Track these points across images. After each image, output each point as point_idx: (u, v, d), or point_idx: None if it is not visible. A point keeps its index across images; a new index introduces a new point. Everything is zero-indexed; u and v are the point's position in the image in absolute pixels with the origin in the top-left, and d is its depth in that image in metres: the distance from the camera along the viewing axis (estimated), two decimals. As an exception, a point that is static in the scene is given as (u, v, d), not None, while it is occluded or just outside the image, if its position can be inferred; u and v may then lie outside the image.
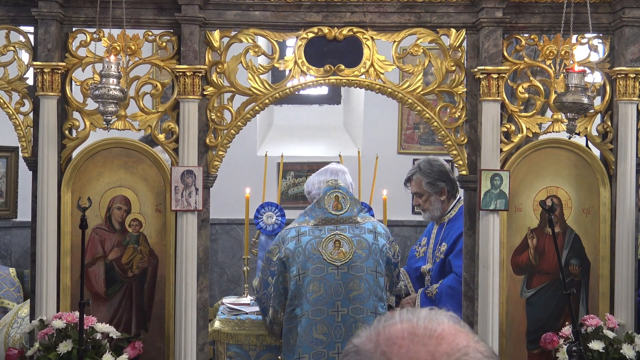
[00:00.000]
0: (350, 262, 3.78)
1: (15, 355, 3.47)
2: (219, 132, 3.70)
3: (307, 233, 3.86)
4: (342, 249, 3.80)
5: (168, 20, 3.66)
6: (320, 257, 3.77)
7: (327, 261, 3.77)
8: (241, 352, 4.53)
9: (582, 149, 3.74)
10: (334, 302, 3.75)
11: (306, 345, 3.74)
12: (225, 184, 4.99)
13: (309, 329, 3.74)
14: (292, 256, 3.80)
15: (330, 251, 3.79)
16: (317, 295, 3.75)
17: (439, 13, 3.68)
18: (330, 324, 3.75)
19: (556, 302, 3.68)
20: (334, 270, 3.77)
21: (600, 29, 3.67)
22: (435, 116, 3.71)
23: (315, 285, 3.76)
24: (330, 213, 3.89)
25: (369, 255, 3.81)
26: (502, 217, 3.66)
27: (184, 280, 3.60)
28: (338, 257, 3.78)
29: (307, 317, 3.75)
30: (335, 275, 3.76)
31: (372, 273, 3.79)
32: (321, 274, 3.77)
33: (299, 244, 3.81)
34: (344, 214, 3.90)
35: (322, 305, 3.75)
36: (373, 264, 3.81)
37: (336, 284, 3.76)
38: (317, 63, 3.69)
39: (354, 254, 3.79)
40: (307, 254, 3.79)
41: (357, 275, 3.77)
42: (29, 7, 3.58)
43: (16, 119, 3.66)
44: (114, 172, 3.68)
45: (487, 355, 1.03)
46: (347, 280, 3.76)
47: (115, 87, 3.27)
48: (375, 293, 3.79)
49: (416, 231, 6.87)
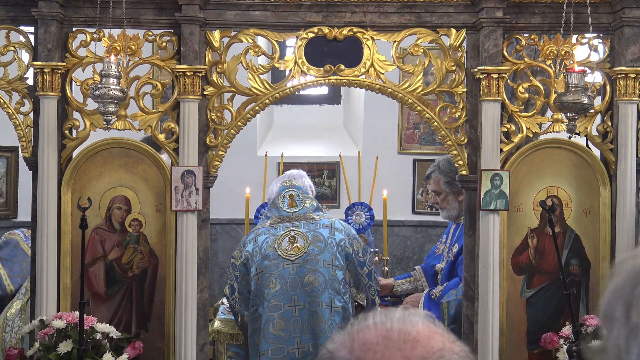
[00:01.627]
0: (305, 256, 3.81)
1: (15, 355, 3.47)
2: (219, 132, 3.70)
3: (264, 232, 3.91)
4: (297, 244, 3.83)
5: (168, 20, 3.66)
6: (275, 253, 3.81)
7: (282, 257, 3.81)
8: (241, 352, 4.53)
9: (582, 149, 3.74)
10: (290, 297, 3.77)
11: (264, 342, 3.77)
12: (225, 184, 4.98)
13: (267, 325, 3.76)
14: (250, 257, 3.85)
15: (285, 247, 3.83)
16: (273, 291, 3.78)
17: (439, 13, 3.68)
18: (288, 319, 3.77)
19: (556, 302, 3.68)
20: (289, 265, 3.80)
21: (600, 29, 3.67)
22: (435, 116, 3.71)
23: (272, 281, 3.79)
24: (284, 211, 3.94)
25: (324, 248, 3.83)
26: (502, 217, 3.66)
27: (184, 280, 3.60)
28: (293, 251, 3.82)
29: (265, 313, 3.77)
30: (290, 270, 3.79)
31: (327, 266, 3.81)
32: (277, 269, 3.80)
33: (256, 244, 3.86)
34: (299, 211, 3.95)
35: (278, 300, 3.78)
36: (329, 257, 3.82)
37: (292, 278, 3.79)
38: (317, 63, 3.69)
39: (309, 248, 3.82)
40: (263, 252, 3.83)
41: (312, 269, 3.80)
42: (29, 7, 3.58)
43: (16, 119, 3.66)
44: (114, 172, 3.68)
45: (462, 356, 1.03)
46: (303, 274, 3.79)
47: (116, 87, 3.27)
48: (332, 286, 3.80)
49: (416, 231, 6.88)
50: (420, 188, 6.88)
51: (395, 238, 6.83)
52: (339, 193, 6.83)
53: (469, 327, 3.72)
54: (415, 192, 6.88)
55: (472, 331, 3.70)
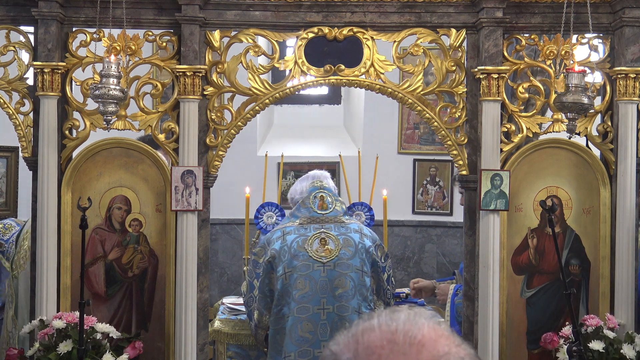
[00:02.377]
0: (337, 260, 3.74)
1: (15, 355, 3.47)
2: (219, 132, 3.71)
3: (292, 232, 3.83)
4: (328, 246, 3.76)
5: (168, 20, 3.66)
6: (306, 254, 3.74)
7: (313, 258, 3.74)
8: (241, 352, 4.53)
9: (582, 149, 3.74)
10: (319, 300, 3.71)
11: (291, 344, 3.70)
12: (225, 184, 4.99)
13: (294, 327, 3.70)
14: (277, 256, 3.77)
15: (316, 248, 3.76)
16: (302, 293, 3.71)
17: (439, 13, 3.69)
18: (315, 322, 3.70)
19: (556, 302, 3.68)
20: (320, 267, 3.73)
21: (600, 29, 3.67)
22: (435, 116, 3.71)
23: (301, 282, 3.72)
24: (315, 212, 3.87)
25: (355, 253, 3.77)
26: (502, 217, 3.66)
27: (184, 280, 3.60)
28: (324, 254, 3.75)
29: (293, 315, 3.70)
30: (321, 272, 3.73)
31: (357, 272, 3.75)
32: (307, 271, 3.73)
33: (284, 243, 3.78)
34: (329, 213, 3.88)
35: (307, 302, 3.71)
36: (359, 263, 3.77)
37: (322, 281, 3.72)
38: (317, 63, 3.70)
39: (340, 252, 3.76)
40: (293, 251, 3.75)
41: (343, 273, 3.73)
42: (29, 7, 3.58)
43: (16, 119, 3.66)
44: (114, 172, 3.68)
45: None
46: (333, 278, 3.72)
47: (116, 87, 3.27)
48: (361, 292, 3.75)
49: (416, 231, 6.88)
50: (420, 188, 6.89)
51: (395, 238, 6.83)
52: (339, 193, 6.82)
53: (469, 327, 3.72)
54: (415, 192, 6.89)
55: (472, 331, 3.70)
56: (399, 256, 6.88)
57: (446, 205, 6.88)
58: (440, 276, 6.80)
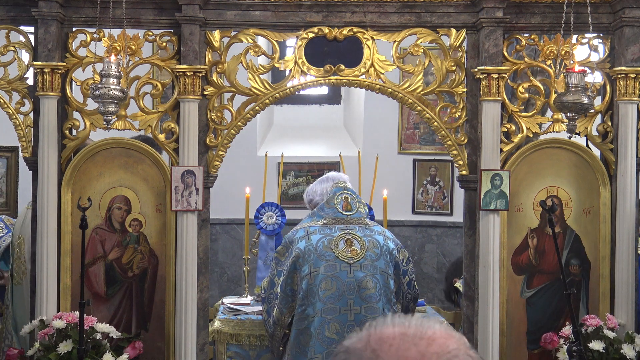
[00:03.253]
0: (363, 261, 3.68)
1: (15, 355, 3.47)
2: (219, 132, 3.71)
3: (317, 232, 3.76)
4: (354, 247, 3.70)
5: (168, 20, 3.66)
6: (332, 254, 3.68)
7: (340, 259, 3.67)
8: (241, 352, 4.53)
9: (582, 149, 3.74)
10: (346, 301, 3.64)
11: (319, 345, 3.62)
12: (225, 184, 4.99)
13: (321, 328, 3.62)
14: (302, 255, 3.70)
15: (342, 249, 3.70)
16: (329, 294, 3.64)
17: (439, 13, 3.69)
18: (343, 323, 3.63)
19: (556, 302, 3.69)
20: (347, 267, 3.67)
21: (600, 29, 3.68)
22: (435, 116, 3.72)
23: (328, 283, 3.65)
24: (340, 213, 3.80)
25: (380, 255, 3.72)
26: (502, 217, 3.66)
27: (184, 280, 3.60)
28: (351, 254, 3.69)
29: (319, 315, 3.63)
30: (348, 273, 3.66)
31: (383, 274, 3.70)
32: (333, 271, 3.66)
33: (309, 243, 3.71)
34: (354, 214, 3.82)
35: (334, 303, 3.64)
36: (384, 265, 3.71)
37: (349, 282, 3.65)
38: (317, 63, 3.70)
39: (366, 253, 3.70)
40: (319, 251, 3.68)
41: (370, 274, 3.67)
42: (29, 7, 3.58)
43: (16, 119, 3.66)
44: (114, 172, 3.68)
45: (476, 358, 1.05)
46: (360, 279, 3.66)
47: (116, 87, 3.27)
48: (385, 294, 3.70)
49: (416, 231, 6.88)
50: (420, 188, 6.89)
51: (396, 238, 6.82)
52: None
53: (469, 327, 3.72)
54: (415, 192, 6.89)
55: (472, 331, 3.70)
56: (399, 256, 6.87)
57: (446, 205, 6.88)
58: (440, 276, 6.80)
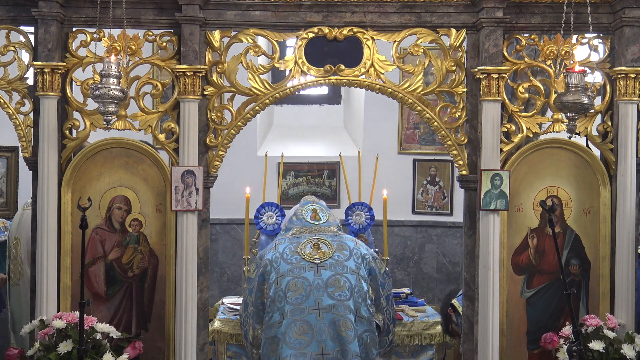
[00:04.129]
0: (331, 261, 3.65)
1: (15, 355, 3.47)
2: (219, 132, 3.71)
3: (285, 242, 3.78)
4: (322, 249, 3.69)
5: (168, 20, 3.66)
6: (299, 257, 3.66)
7: (306, 260, 3.65)
8: (241, 352, 4.54)
9: (582, 149, 3.74)
10: (314, 300, 3.57)
11: (286, 348, 3.53)
12: (225, 184, 4.99)
13: (288, 331, 3.54)
14: (270, 264, 3.69)
15: (309, 252, 3.69)
16: (296, 294, 3.58)
17: (439, 13, 3.69)
18: (311, 324, 3.54)
19: (556, 302, 3.69)
20: (314, 267, 3.63)
21: (600, 29, 3.68)
22: (435, 116, 3.72)
23: (295, 284, 3.59)
24: (308, 222, 3.83)
25: (350, 256, 3.69)
26: (502, 217, 3.66)
27: (184, 280, 3.60)
28: (318, 255, 3.67)
29: (287, 317, 3.56)
30: (315, 273, 3.62)
31: (354, 274, 3.63)
32: (300, 272, 3.62)
33: (276, 251, 3.72)
34: (323, 223, 3.84)
35: (301, 304, 3.57)
36: (355, 266, 3.65)
37: (316, 282, 3.60)
38: (317, 63, 3.70)
39: (335, 254, 3.67)
40: (285, 257, 3.67)
41: (338, 273, 3.62)
42: (29, 7, 3.59)
43: (16, 119, 3.66)
44: (114, 172, 3.69)
45: None
46: (328, 277, 3.60)
47: (116, 87, 3.27)
48: (359, 294, 3.62)
49: (416, 231, 6.88)
50: (420, 188, 6.89)
51: (395, 238, 6.82)
52: (339, 193, 6.82)
53: (469, 327, 3.72)
54: (415, 192, 6.88)
55: (472, 331, 3.70)
56: (399, 256, 6.88)
57: (446, 205, 6.88)
58: (441, 276, 6.81)
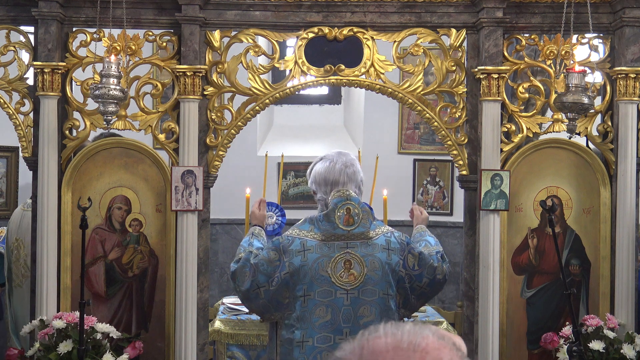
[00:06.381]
0: (361, 287, 3.42)
1: (15, 355, 3.47)
2: (219, 132, 3.71)
3: (314, 249, 3.46)
4: (353, 270, 3.44)
5: (168, 20, 3.66)
6: (328, 279, 3.41)
7: (336, 285, 3.41)
8: (241, 352, 4.53)
9: (583, 149, 3.74)
10: (342, 330, 3.38)
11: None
12: (225, 184, 4.99)
13: (312, 358, 3.35)
14: (297, 273, 3.41)
15: (339, 273, 3.42)
16: (323, 321, 3.38)
17: (439, 13, 3.69)
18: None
19: (556, 302, 3.69)
20: (343, 294, 3.40)
21: (600, 29, 3.68)
22: (435, 116, 3.72)
23: (322, 310, 3.39)
24: (340, 228, 3.48)
25: (381, 277, 3.45)
26: (502, 217, 3.66)
27: (184, 280, 3.60)
28: (348, 280, 3.42)
29: (311, 344, 3.37)
30: (344, 300, 3.40)
31: (383, 297, 3.44)
32: (328, 298, 3.40)
33: (305, 261, 3.42)
34: (356, 229, 3.50)
35: (328, 332, 3.38)
36: (385, 287, 3.45)
37: (345, 310, 3.39)
38: (317, 63, 3.70)
39: (366, 277, 3.43)
40: (314, 274, 3.41)
41: (368, 300, 3.42)
42: (29, 7, 3.58)
43: (16, 119, 3.66)
44: (114, 172, 3.69)
45: None
46: (357, 306, 3.41)
47: (116, 87, 3.27)
48: (387, 317, 3.41)
49: (416, 231, 6.87)
50: (420, 188, 6.89)
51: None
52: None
53: (469, 327, 3.72)
54: (415, 192, 6.88)
55: (472, 331, 3.70)
56: (399, 256, 6.87)
57: (446, 205, 6.88)
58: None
